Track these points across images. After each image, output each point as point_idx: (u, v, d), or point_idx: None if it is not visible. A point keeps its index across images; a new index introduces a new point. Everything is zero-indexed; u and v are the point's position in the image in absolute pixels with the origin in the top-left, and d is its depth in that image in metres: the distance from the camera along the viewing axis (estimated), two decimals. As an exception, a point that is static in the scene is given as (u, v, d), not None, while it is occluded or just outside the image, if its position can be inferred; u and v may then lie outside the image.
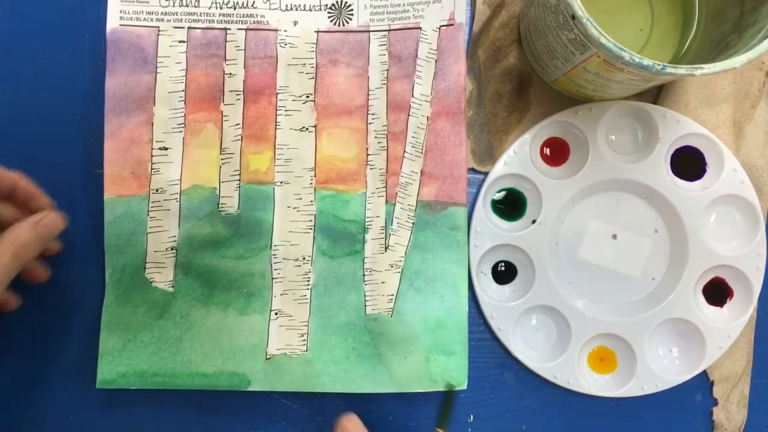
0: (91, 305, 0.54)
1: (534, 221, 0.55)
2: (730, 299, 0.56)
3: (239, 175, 0.54)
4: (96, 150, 0.54)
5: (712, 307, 0.56)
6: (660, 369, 0.55)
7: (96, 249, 0.55)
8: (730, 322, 0.55)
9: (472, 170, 0.56)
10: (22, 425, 0.56)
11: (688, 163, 0.55)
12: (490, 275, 0.57)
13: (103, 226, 0.54)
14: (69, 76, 0.56)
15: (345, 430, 0.50)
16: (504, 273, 0.57)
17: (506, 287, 0.57)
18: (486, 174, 0.55)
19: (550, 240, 0.55)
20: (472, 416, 0.57)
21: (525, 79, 0.56)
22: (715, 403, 0.56)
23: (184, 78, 0.54)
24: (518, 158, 0.55)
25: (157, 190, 0.54)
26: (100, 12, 0.55)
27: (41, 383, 0.56)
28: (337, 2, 0.55)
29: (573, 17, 0.42)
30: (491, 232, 0.55)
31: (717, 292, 0.56)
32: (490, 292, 0.56)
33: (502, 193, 0.56)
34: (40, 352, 0.56)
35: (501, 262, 0.57)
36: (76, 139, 0.56)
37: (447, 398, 0.54)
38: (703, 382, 0.56)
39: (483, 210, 0.55)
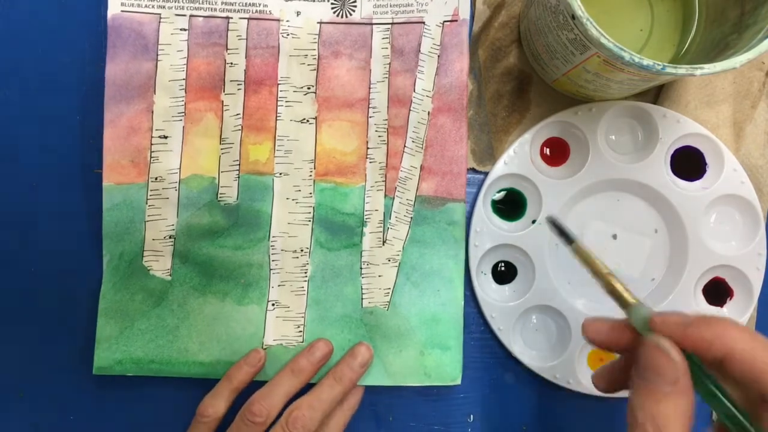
0: (89, 293, 0.54)
1: (534, 221, 0.55)
2: (730, 299, 0.55)
3: (239, 165, 0.54)
4: (96, 150, 0.54)
5: (712, 307, 0.55)
6: (660, 369, 0.54)
7: (93, 240, 0.54)
8: (731, 323, 0.54)
9: (472, 170, 0.56)
10: (18, 410, 0.56)
11: (688, 163, 0.55)
12: (490, 275, 0.56)
13: (101, 222, 0.54)
14: (69, 76, 0.56)
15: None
16: (504, 273, 0.56)
17: (506, 287, 0.56)
18: (486, 174, 0.55)
19: (550, 240, 0.55)
20: (472, 416, 0.56)
21: (525, 79, 0.56)
22: (716, 403, 0.56)
23: (185, 66, 0.54)
24: (518, 158, 0.55)
25: (156, 179, 0.54)
26: (100, 12, 0.56)
27: (37, 369, 0.56)
28: (340, -6, 0.55)
29: (573, 17, 0.42)
30: (491, 232, 0.55)
31: (717, 292, 0.55)
32: (490, 292, 0.56)
33: (502, 193, 0.56)
34: (37, 339, 0.56)
35: (501, 262, 0.56)
36: (76, 139, 0.56)
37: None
38: (703, 382, 0.56)
39: (483, 210, 0.55)
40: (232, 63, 0.54)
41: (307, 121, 0.55)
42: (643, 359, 0.37)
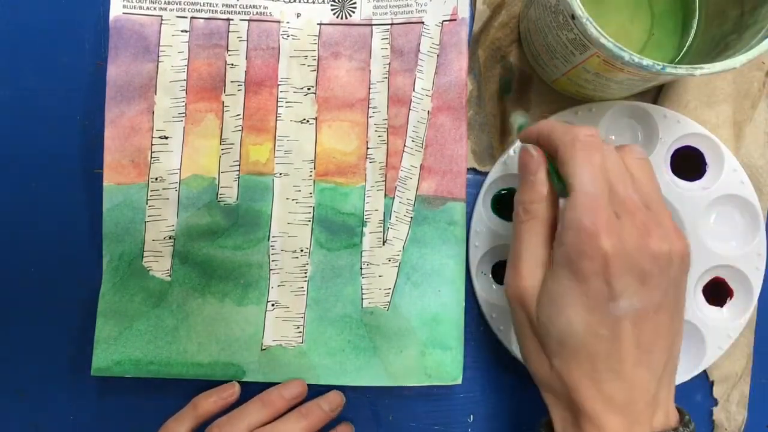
0: (89, 293, 0.54)
1: (534, 221, 0.55)
2: (730, 299, 0.55)
3: (239, 165, 0.54)
4: (96, 150, 0.54)
5: (712, 307, 0.55)
6: (659, 369, 0.54)
7: (93, 240, 0.55)
8: (730, 322, 0.54)
9: (473, 170, 0.56)
10: (18, 410, 0.56)
11: (688, 163, 0.55)
12: (490, 275, 0.56)
13: (101, 223, 0.54)
14: (69, 76, 0.56)
15: None
16: (504, 273, 0.56)
17: (506, 287, 0.56)
18: (486, 174, 0.55)
19: (550, 240, 0.55)
20: (472, 416, 0.56)
21: (525, 79, 0.56)
22: (715, 403, 0.56)
23: (185, 67, 0.54)
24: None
25: (156, 179, 0.54)
26: (100, 12, 0.56)
27: (37, 369, 0.56)
28: (340, -5, 0.55)
29: (573, 17, 0.42)
30: (491, 232, 0.55)
31: (717, 292, 0.55)
32: (490, 292, 0.56)
33: (502, 193, 0.56)
34: (37, 339, 0.56)
35: (501, 262, 0.56)
36: (76, 139, 0.56)
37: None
38: (703, 382, 0.56)
39: (483, 210, 0.55)
40: (232, 64, 0.54)
41: (307, 121, 0.55)
42: (519, 160, 0.47)
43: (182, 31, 0.54)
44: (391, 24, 0.55)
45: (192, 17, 0.54)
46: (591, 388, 0.41)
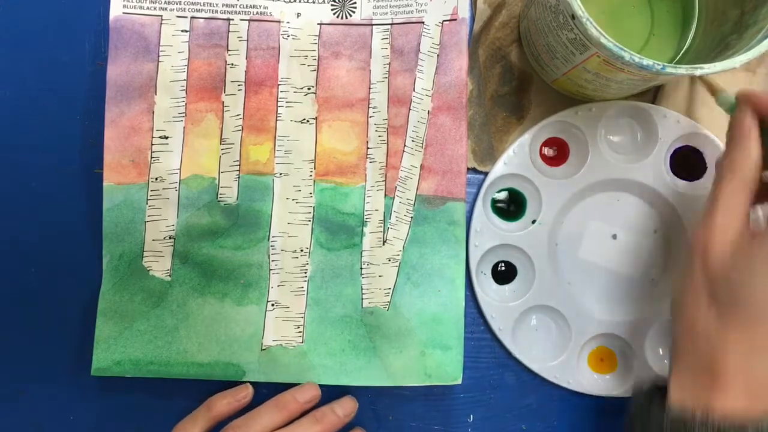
0: (89, 293, 0.54)
1: (534, 221, 0.55)
2: (731, 299, 0.55)
3: (239, 165, 0.54)
4: (96, 150, 0.54)
5: (712, 307, 0.55)
6: (660, 369, 0.54)
7: (93, 240, 0.55)
8: (731, 323, 0.54)
9: (473, 170, 0.56)
10: (19, 410, 0.56)
11: (688, 163, 0.55)
12: (490, 275, 0.56)
13: (101, 222, 0.54)
14: (69, 76, 0.56)
15: None
16: (504, 273, 0.56)
17: (506, 287, 0.56)
18: (486, 174, 0.55)
19: (550, 240, 0.55)
20: (472, 416, 0.56)
21: (525, 79, 0.56)
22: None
23: (185, 67, 0.54)
24: (518, 158, 0.55)
25: (156, 179, 0.54)
26: (100, 11, 0.56)
27: (38, 369, 0.56)
28: (340, -5, 0.55)
29: (573, 17, 0.42)
30: (491, 232, 0.55)
31: (717, 292, 0.55)
32: (490, 292, 0.56)
33: (502, 193, 0.56)
34: (37, 339, 0.56)
35: (501, 262, 0.56)
36: (76, 139, 0.56)
37: None
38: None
39: (483, 210, 0.55)
40: (232, 64, 0.54)
41: (308, 121, 0.55)
42: (732, 121, 0.45)
43: (182, 31, 0.54)
44: (392, 24, 0.55)
45: (192, 17, 0.54)
46: (743, 360, 0.41)
